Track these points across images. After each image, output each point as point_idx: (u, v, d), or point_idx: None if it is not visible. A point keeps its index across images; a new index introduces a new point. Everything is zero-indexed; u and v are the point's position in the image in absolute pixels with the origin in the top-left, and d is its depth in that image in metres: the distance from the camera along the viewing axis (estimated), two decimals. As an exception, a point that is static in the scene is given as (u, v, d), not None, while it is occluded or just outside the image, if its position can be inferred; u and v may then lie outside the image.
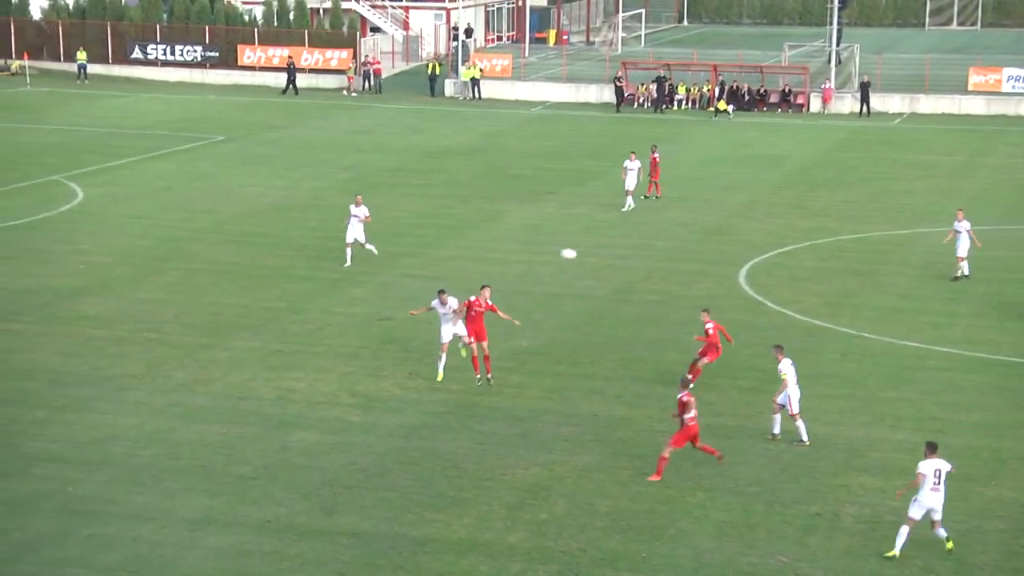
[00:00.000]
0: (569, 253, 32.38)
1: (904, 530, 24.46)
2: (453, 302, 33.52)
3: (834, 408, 32.48)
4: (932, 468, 24.48)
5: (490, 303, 33.81)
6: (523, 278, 44.75)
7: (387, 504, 27.06)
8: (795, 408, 30.03)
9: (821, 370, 35.33)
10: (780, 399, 30.24)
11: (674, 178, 60.43)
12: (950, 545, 24.54)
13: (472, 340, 33.64)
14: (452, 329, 33.75)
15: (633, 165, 55.06)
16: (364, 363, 35.78)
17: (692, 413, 27.98)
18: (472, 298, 33.76)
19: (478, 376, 33.81)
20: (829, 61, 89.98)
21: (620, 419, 31.94)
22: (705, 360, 33.57)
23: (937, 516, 24.53)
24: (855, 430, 31.06)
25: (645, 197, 57.00)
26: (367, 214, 45.74)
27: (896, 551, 24.41)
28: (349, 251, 45.69)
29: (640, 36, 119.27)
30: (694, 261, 47.48)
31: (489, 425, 31.36)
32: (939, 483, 24.43)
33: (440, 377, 33.82)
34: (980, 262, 46.72)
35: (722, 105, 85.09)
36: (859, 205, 57.31)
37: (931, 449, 24.81)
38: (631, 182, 54.94)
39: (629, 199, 55.05)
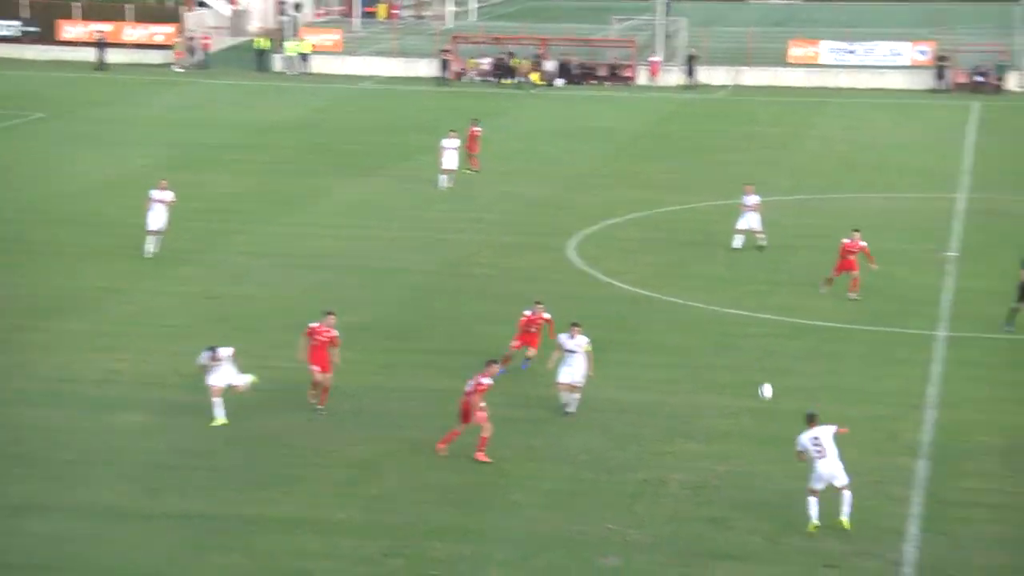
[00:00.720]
0: (767, 391, 28.27)
1: (810, 500, 24.60)
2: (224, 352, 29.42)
3: (660, 376, 32.94)
4: (809, 438, 24.71)
5: (334, 333, 30.48)
6: (353, 254, 44.49)
7: (215, 484, 26.71)
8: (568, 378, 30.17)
9: (648, 339, 35.81)
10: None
11: (504, 152, 60.65)
12: (845, 523, 24.57)
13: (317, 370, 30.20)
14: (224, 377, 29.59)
15: (451, 143, 54.62)
16: (192, 343, 35.18)
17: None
18: (315, 325, 30.57)
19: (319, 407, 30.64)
20: (656, 35, 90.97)
21: (451, 392, 31.84)
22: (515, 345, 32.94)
23: (839, 482, 24.56)
24: (680, 397, 31.53)
25: (467, 171, 57.06)
26: (172, 198, 43.56)
27: (813, 521, 24.43)
28: (153, 240, 43.06)
29: (468, 11, 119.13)
30: (524, 234, 47.68)
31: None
32: (822, 450, 24.57)
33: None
34: (802, 231, 47.83)
35: (536, 78, 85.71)
36: (686, 176, 58.16)
37: (809, 420, 25.03)
38: (448, 161, 54.48)
39: (444, 177, 54.41)
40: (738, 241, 44.37)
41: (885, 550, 23.89)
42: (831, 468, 24.52)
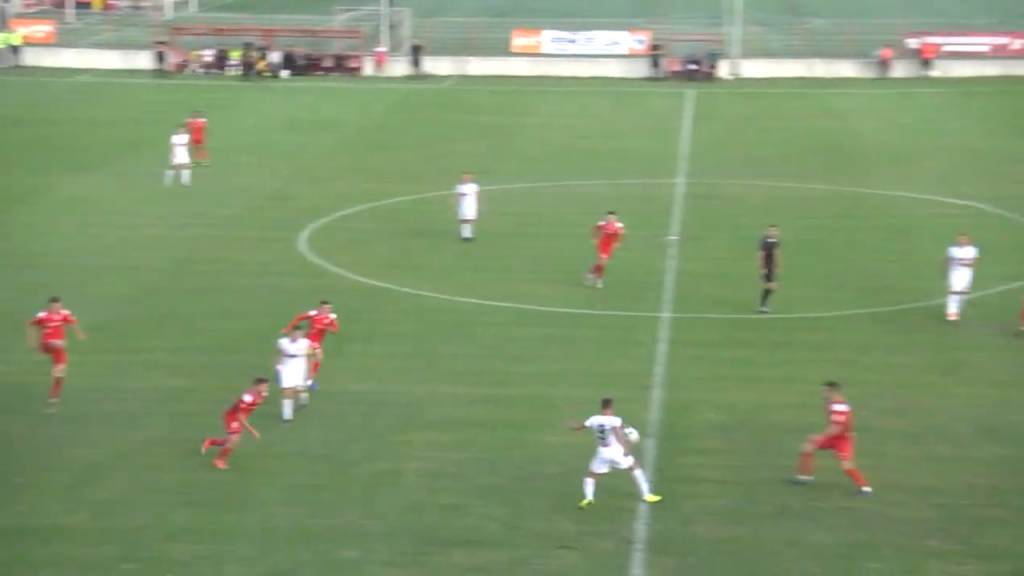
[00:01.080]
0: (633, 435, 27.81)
1: (588, 480, 25.23)
2: None
3: (396, 367, 33.06)
4: (596, 425, 25.33)
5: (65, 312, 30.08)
6: (78, 252, 43.31)
7: (-65, 495, 25.65)
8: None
9: (383, 329, 35.90)
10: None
11: (231, 145, 59.83)
12: (652, 499, 25.28)
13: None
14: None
15: (180, 139, 53.52)
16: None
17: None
18: (42, 314, 29.88)
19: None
20: (381, 25, 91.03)
21: (183, 391, 31.42)
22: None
23: (625, 464, 25.22)
24: (416, 387, 31.69)
25: (196, 164, 56.05)
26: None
27: (588, 498, 25.09)
28: None
29: (188, 1, 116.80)
30: (254, 228, 47.16)
31: (42, 406, 30.11)
32: (605, 439, 25.15)
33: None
34: (530, 219, 48.63)
35: (261, 65, 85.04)
36: (416, 166, 58.39)
37: (604, 405, 25.57)
38: (180, 156, 53.50)
39: (171, 173, 53.27)
40: (466, 231, 44.65)
41: (618, 528, 24.53)
42: (613, 454, 25.21)
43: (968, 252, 35.45)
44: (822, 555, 23.52)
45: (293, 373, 29.32)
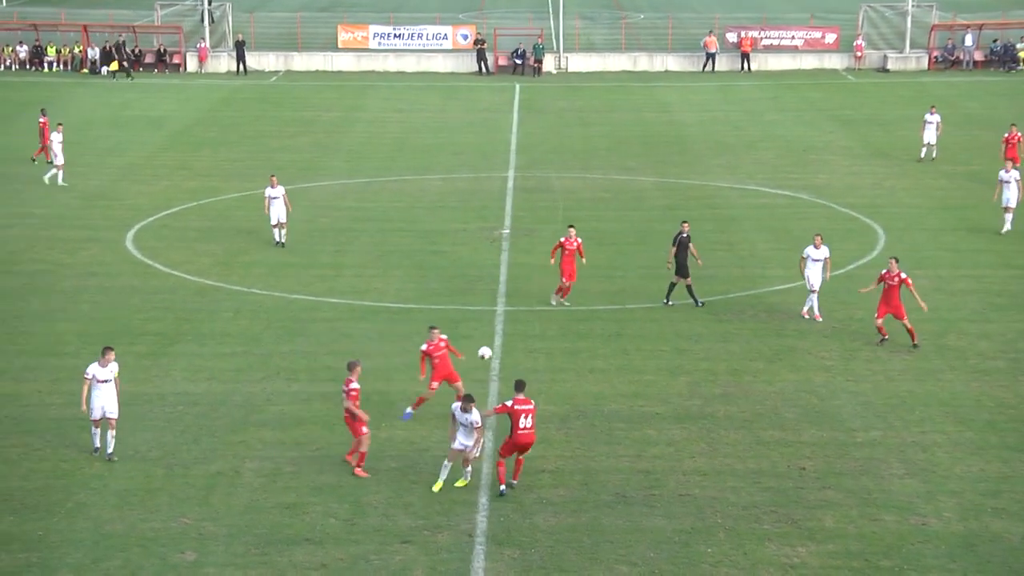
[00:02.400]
0: (485, 351, 28.56)
1: (446, 464, 25.81)
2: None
3: (230, 366, 32.66)
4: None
5: None
6: None
7: None
8: None
9: (215, 329, 35.42)
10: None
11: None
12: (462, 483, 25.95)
13: None
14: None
15: (58, 138, 52.88)
16: None
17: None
18: None
19: None
20: (203, 20, 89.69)
21: (7, 396, 30.63)
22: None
23: (472, 453, 25.74)
24: (252, 386, 31.36)
25: (33, 160, 54.94)
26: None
27: (440, 480, 25.76)
28: None
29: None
30: (78, 228, 46.16)
31: None
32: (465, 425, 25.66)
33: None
34: (362, 214, 48.44)
35: (115, 66, 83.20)
36: (243, 163, 57.75)
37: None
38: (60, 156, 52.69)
39: (53, 171, 52.74)
40: (278, 235, 43.41)
41: (458, 521, 24.59)
42: (468, 439, 25.65)
43: (823, 252, 36.19)
44: (660, 540, 23.89)
45: (105, 399, 27.14)
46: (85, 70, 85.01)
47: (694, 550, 23.56)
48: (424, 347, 29.04)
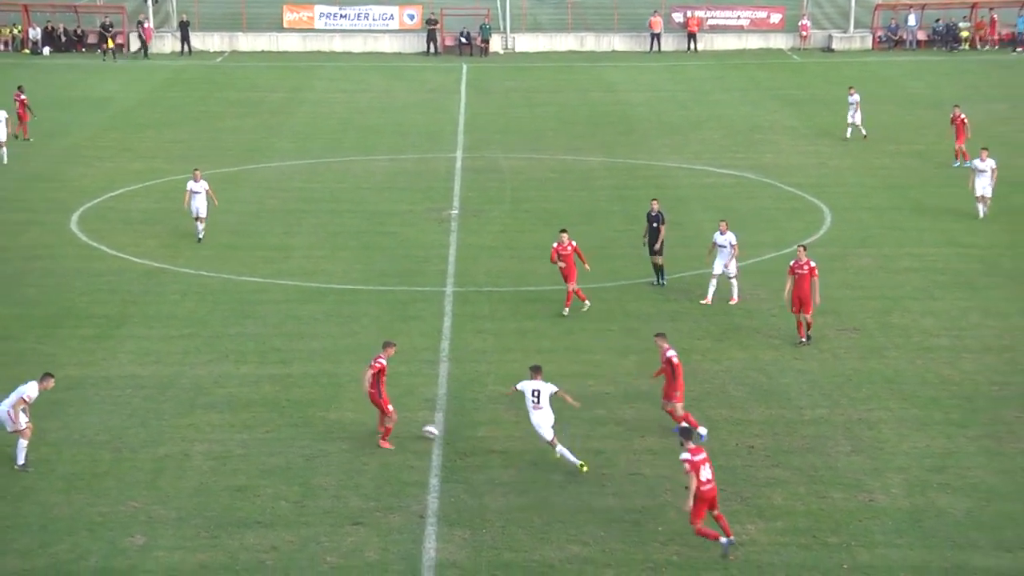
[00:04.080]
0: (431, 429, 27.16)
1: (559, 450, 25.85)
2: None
3: (178, 348, 32.46)
4: (530, 388, 25.80)
5: None
6: None
7: None
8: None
9: (162, 311, 35.20)
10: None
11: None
12: (583, 467, 25.72)
13: None
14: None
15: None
16: None
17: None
18: None
19: None
20: (146, 0, 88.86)
21: (-47, 380, 30.32)
22: (679, 406, 27.61)
23: (547, 435, 25.74)
24: (200, 368, 31.19)
25: (16, 136, 55.01)
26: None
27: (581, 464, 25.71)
28: None
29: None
30: (20, 210, 45.70)
31: None
32: (538, 402, 25.70)
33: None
34: (310, 195, 48.24)
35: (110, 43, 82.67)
36: (188, 144, 57.35)
37: (534, 371, 26.08)
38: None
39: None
40: (200, 230, 41.65)
41: (409, 503, 24.58)
42: (541, 419, 25.76)
43: (728, 238, 35.83)
44: (610, 519, 23.98)
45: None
46: (27, 50, 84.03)
47: (645, 529, 23.66)
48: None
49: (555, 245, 34.97)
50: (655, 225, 37.04)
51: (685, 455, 22.53)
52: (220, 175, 51.03)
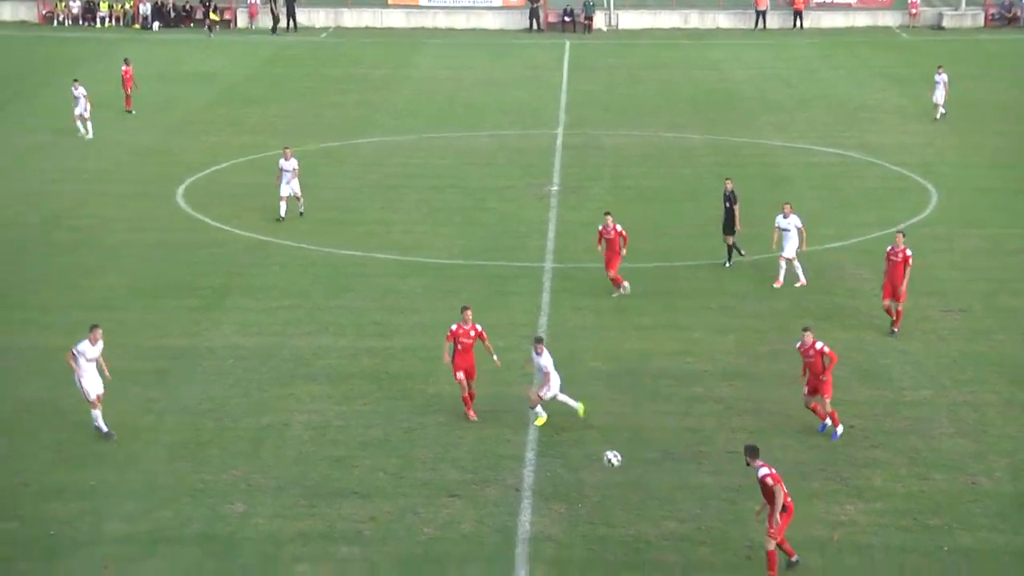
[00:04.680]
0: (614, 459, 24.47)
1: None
2: None
3: (279, 320, 32.78)
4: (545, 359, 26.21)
5: None
6: (-56, 208, 42.40)
7: None
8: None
9: (265, 283, 35.58)
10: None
11: (105, 99, 58.42)
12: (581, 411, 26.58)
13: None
14: None
15: (79, 91, 52.95)
16: None
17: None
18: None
19: None
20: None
21: (61, 348, 30.67)
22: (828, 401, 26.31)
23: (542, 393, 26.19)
24: (300, 340, 31.48)
25: (128, 111, 56.08)
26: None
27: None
28: None
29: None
30: (129, 182, 46.41)
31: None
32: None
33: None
34: (412, 171, 48.40)
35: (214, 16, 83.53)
36: (292, 120, 57.81)
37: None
38: (81, 108, 52.94)
39: (83, 125, 53.06)
40: (282, 209, 41.32)
41: (505, 476, 24.65)
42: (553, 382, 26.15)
43: (792, 221, 34.84)
44: (706, 497, 23.87)
45: (96, 377, 26.31)
46: (137, 26, 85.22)
47: (741, 507, 23.50)
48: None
49: (600, 227, 34.17)
50: (728, 205, 36.58)
51: (764, 471, 21.24)
52: (322, 150, 51.46)
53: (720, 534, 22.54)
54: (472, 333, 26.99)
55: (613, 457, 23.50)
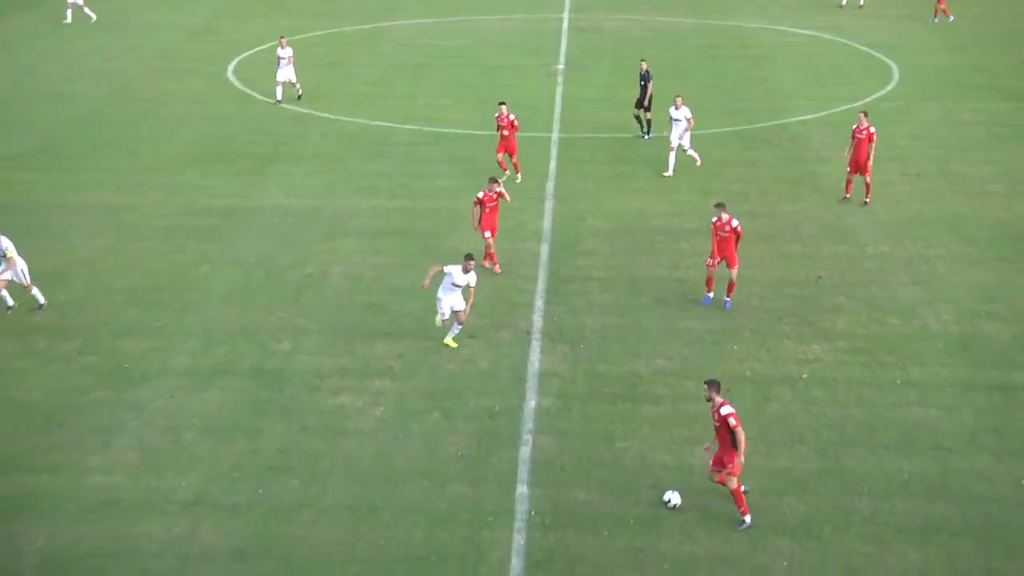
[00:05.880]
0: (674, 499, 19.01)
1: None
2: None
3: (319, 183, 32.73)
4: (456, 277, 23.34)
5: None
6: (19, 83, 42.01)
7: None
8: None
9: (306, 151, 35.42)
10: None
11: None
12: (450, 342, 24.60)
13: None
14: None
15: None
16: None
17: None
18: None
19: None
20: None
21: (127, 206, 30.93)
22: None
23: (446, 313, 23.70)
24: (338, 201, 31.45)
25: None
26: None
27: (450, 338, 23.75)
28: None
29: None
30: (184, 60, 45.94)
31: (2, 220, 29.50)
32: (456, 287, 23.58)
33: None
34: (434, 50, 47.83)
35: None
36: (331, 4, 56.91)
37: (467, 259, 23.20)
38: None
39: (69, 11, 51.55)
40: (279, 93, 39.57)
41: (517, 321, 24.80)
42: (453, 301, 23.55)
43: (683, 112, 32.65)
44: (693, 340, 24.02)
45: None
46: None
47: (723, 348, 23.68)
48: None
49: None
50: (643, 83, 35.95)
51: (728, 409, 18.08)
52: (358, 32, 50.85)
53: (703, 370, 22.72)
54: (494, 196, 26.77)
55: (673, 496, 18.82)
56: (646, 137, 36.19)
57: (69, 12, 51.27)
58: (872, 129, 30.78)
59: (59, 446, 20.20)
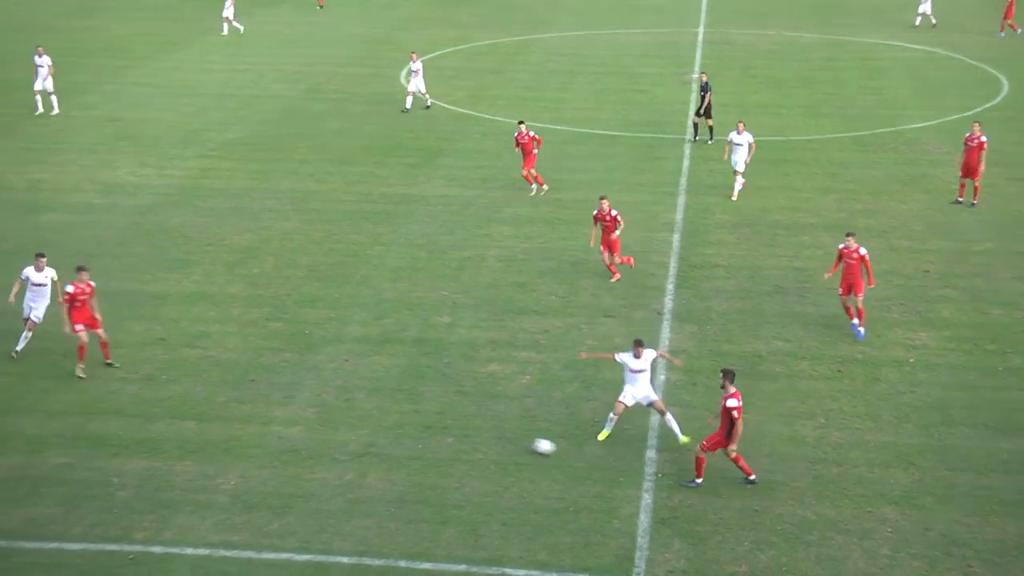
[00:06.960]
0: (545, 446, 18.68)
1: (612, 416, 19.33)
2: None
3: (478, 176, 32.76)
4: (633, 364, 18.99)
5: None
6: (228, 84, 42.93)
7: (128, 268, 25.96)
8: None
9: (468, 147, 35.50)
10: None
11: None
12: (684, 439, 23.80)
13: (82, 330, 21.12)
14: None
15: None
16: (100, 157, 33.86)
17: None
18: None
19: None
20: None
21: (312, 192, 31.40)
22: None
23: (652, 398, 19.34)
24: (494, 192, 31.44)
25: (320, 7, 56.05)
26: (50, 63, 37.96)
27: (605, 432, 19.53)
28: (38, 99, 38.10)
29: None
30: (365, 66, 46.46)
31: (208, 202, 30.33)
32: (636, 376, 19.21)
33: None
34: (582, 60, 47.47)
35: None
36: (487, 17, 56.99)
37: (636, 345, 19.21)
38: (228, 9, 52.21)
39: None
40: (408, 102, 38.72)
41: (649, 302, 24.48)
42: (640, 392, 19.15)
43: (745, 137, 30.31)
44: (808, 324, 23.43)
45: (41, 305, 21.95)
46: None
47: (838, 331, 23.03)
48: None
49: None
50: (703, 93, 34.75)
51: (734, 403, 17.28)
52: (512, 42, 50.76)
53: (818, 351, 22.16)
54: (607, 219, 25.12)
55: (541, 444, 18.26)
56: (709, 142, 35.32)
57: (225, 26, 51.75)
58: (984, 138, 29.55)
59: (249, 400, 20.61)
